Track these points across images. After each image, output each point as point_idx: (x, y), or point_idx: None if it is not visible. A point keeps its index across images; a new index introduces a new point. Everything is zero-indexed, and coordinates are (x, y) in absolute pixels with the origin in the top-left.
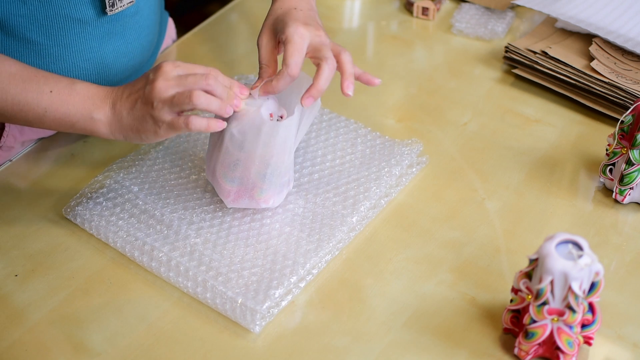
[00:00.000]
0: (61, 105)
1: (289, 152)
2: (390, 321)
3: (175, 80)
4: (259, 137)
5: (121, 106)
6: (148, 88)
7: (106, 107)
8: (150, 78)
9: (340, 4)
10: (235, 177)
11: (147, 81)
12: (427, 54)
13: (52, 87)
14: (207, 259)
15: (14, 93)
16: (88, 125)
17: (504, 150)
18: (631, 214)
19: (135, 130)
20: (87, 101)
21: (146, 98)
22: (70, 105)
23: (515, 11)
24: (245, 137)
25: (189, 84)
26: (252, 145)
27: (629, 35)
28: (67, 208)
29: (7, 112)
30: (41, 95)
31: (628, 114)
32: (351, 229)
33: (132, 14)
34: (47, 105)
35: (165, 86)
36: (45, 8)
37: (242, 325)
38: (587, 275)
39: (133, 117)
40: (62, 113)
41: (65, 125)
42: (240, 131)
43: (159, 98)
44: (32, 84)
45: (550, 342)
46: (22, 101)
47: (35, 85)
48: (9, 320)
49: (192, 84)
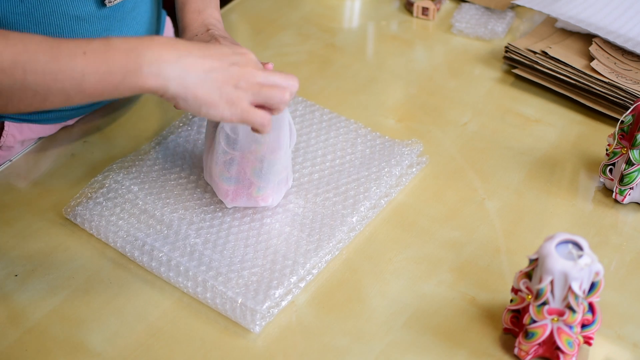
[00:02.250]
0: (100, 64)
1: (284, 149)
2: (390, 321)
3: (263, 72)
4: (252, 134)
5: (190, 64)
6: (237, 66)
7: (163, 56)
8: (239, 58)
9: (340, 4)
10: (232, 176)
11: (233, 55)
12: (427, 54)
13: (85, 48)
14: (207, 259)
15: (44, 61)
16: (136, 82)
17: (504, 150)
18: (631, 214)
19: (201, 100)
20: (131, 53)
21: (231, 73)
22: (110, 62)
23: (515, 11)
24: (238, 135)
25: (273, 82)
26: (246, 143)
27: (629, 35)
28: (67, 208)
29: (42, 85)
30: (75, 59)
31: (628, 114)
32: (351, 229)
33: (129, 10)
34: (84, 67)
35: (255, 73)
36: (42, 5)
37: (242, 325)
38: (587, 275)
39: (203, 83)
40: (103, 72)
41: (109, 86)
42: (233, 129)
43: (247, 80)
44: (63, 49)
45: (550, 342)
46: (55, 69)
47: (66, 49)
48: (9, 320)
49: (275, 83)
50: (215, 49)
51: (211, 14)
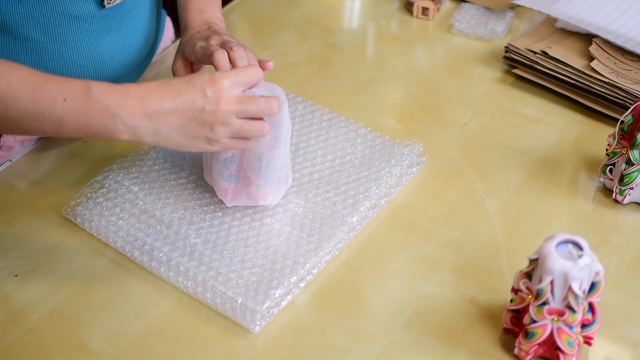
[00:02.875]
0: (78, 115)
1: (282, 147)
2: (390, 321)
3: (239, 105)
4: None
5: (161, 120)
6: (210, 109)
7: (135, 118)
8: (210, 96)
9: (340, 4)
10: (231, 174)
11: (204, 97)
12: (427, 54)
13: (65, 94)
14: (207, 259)
15: (25, 102)
16: (112, 136)
17: (504, 150)
18: (631, 214)
19: (178, 145)
20: (107, 112)
21: (205, 119)
22: (88, 115)
23: (515, 11)
24: None
25: (253, 112)
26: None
27: (629, 35)
28: (67, 208)
29: (22, 122)
30: (55, 105)
31: (628, 114)
32: (351, 229)
33: (128, 10)
34: (62, 115)
35: (229, 111)
36: (41, 5)
37: (242, 325)
38: (587, 275)
39: (178, 133)
40: (80, 123)
41: (86, 134)
42: None
43: (223, 122)
44: (44, 92)
45: (550, 342)
46: (36, 111)
47: (47, 93)
48: (9, 320)
49: (256, 113)
50: (185, 90)
51: (213, 14)
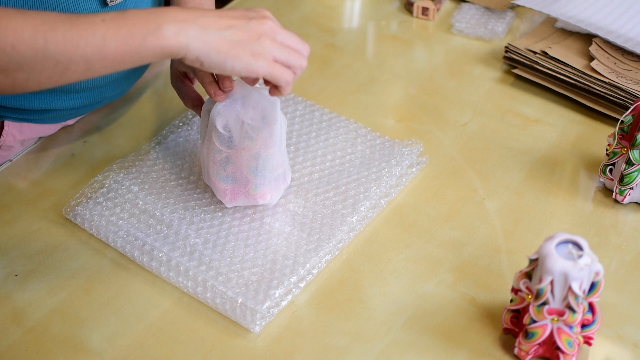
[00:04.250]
0: (120, 28)
1: (278, 144)
2: (390, 321)
3: (282, 29)
4: (244, 131)
5: (209, 22)
6: (256, 22)
7: (180, 17)
8: (256, 15)
9: (340, 4)
10: (228, 175)
11: (251, 12)
12: (427, 54)
13: (102, 16)
14: (207, 259)
15: (64, 29)
16: (157, 42)
17: (504, 150)
18: (631, 214)
19: (224, 52)
20: (149, 15)
21: (252, 28)
22: (130, 25)
23: (515, 11)
24: (231, 132)
25: (291, 44)
26: (239, 140)
27: (629, 35)
28: (67, 208)
29: (63, 53)
30: (94, 25)
31: (628, 114)
32: (351, 228)
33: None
34: (104, 32)
35: (276, 30)
36: (43, 4)
37: (242, 325)
38: (587, 275)
39: (224, 37)
40: (123, 35)
41: (130, 50)
42: (225, 127)
43: (269, 34)
44: (81, 18)
45: (550, 342)
46: (75, 35)
47: (84, 18)
48: (9, 320)
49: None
50: (229, 10)
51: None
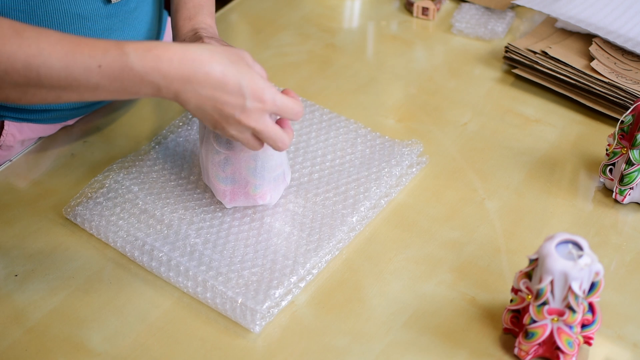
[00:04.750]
0: (114, 81)
1: None
2: (390, 321)
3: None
4: None
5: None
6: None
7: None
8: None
9: (340, 4)
10: (227, 176)
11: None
12: (427, 54)
13: (99, 60)
14: (207, 258)
15: (59, 68)
16: (154, 95)
17: (504, 150)
18: (631, 214)
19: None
20: (144, 80)
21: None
22: (125, 81)
23: (515, 11)
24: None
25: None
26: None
27: (629, 35)
28: (67, 208)
29: (55, 87)
30: (89, 72)
31: (628, 114)
32: (351, 228)
33: (131, 10)
34: (98, 81)
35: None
36: (45, 3)
37: (242, 325)
38: (587, 275)
39: (214, 114)
40: (117, 88)
41: (124, 97)
42: None
43: (250, 127)
44: (78, 57)
45: (550, 342)
46: (69, 77)
47: (81, 58)
48: (9, 320)
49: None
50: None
51: (202, 20)
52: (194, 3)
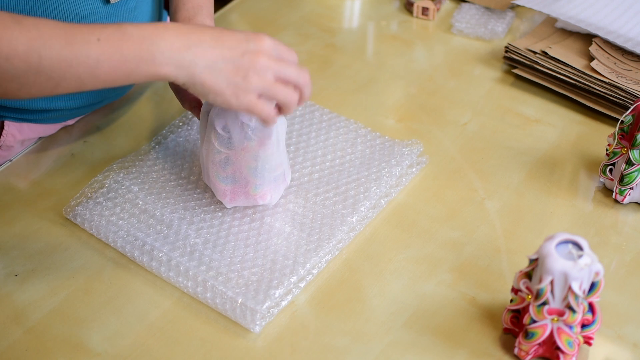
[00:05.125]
0: (114, 52)
1: (277, 144)
2: (390, 321)
3: (277, 63)
4: (243, 131)
5: (201, 53)
6: (249, 56)
7: (175, 47)
8: (252, 47)
9: (340, 4)
10: (228, 175)
11: (246, 43)
12: (427, 54)
13: (99, 34)
14: (207, 259)
15: (59, 47)
16: (148, 70)
17: (504, 150)
18: (631, 214)
19: (208, 87)
20: (144, 42)
21: (241, 65)
22: (124, 50)
23: (515, 11)
24: (230, 133)
25: (287, 75)
26: (238, 141)
27: (629, 35)
28: (67, 208)
29: (56, 71)
30: (89, 45)
31: (628, 114)
32: (351, 228)
33: (131, 9)
34: (98, 55)
35: (267, 65)
36: (44, 3)
37: (242, 325)
38: (587, 275)
39: (211, 72)
40: (117, 60)
41: (123, 74)
42: (224, 128)
43: (258, 74)
44: (77, 35)
45: (550, 342)
46: (69, 54)
47: (80, 35)
48: (9, 320)
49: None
50: (228, 35)
51: (201, 21)
52: (193, 4)
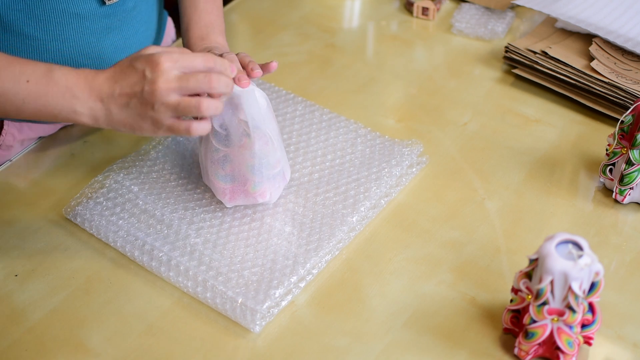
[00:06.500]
0: (39, 97)
1: (272, 143)
2: (390, 321)
3: (177, 82)
4: (241, 129)
5: (111, 103)
6: (148, 89)
7: (91, 100)
8: (149, 77)
9: (340, 4)
10: (227, 174)
11: (143, 79)
12: (427, 54)
13: (28, 76)
14: (207, 258)
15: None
16: (71, 118)
17: (504, 150)
18: (631, 214)
19: (129, 127)
20: (67, 93)
21: (145, 99)
22: (49, 97)
23: (515, 11)
24: (228, 131)
25: (192, 88)
26: (236, 138)
27: (629, 35)
28: (67, 208)
29: None
30: (18, 85)
31: (628, 114)
32: (351, 228)
33: (130, 9)
34: (25, 96)
35: (167, 89)
36: (42, 3)
37: (242, 325)
38: (587, 275)
39: (127, 114)
40: (41, 105)
41: (46, 116)
42: (221, 126)
43: (161, 101)
44: (8, 73)
45: (550, 342)
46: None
47: (11, 74)
48: (9, 320)
49: (196, 88)
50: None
51: (214, 39)
52: (205, 22)
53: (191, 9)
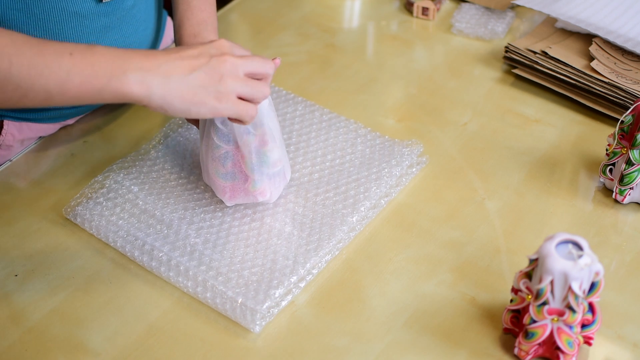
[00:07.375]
0: (86, 66)
1: (273, 141)
2: (390, 321)
3: (242, 60)
4: (242, 126)
5: (171, 68)
6: (216, 61)
7: (146, 64)
8: (213, 52)
9: (340, 4)
10: (227, 171)
11: (208, 52)
12: (427, 54)
13: (71, 49)
14: (207, 258)
15: (31, 55)
16: (120, 87)
17: (504, 150)
18: (631, 214)
19: (188, 101)
20: (115, 59)
21: (214, 68)
22: (96, 66)
23: (515, 11)
24: (230, 128)
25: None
26: (237, 136)
27: (629, 35)
28: (67, 208)
29: (25, 79)
30: (61, 57)
31: (628, 114)
32: (351, 228)
33: (129, 8)
34: (70, 67)
35: (236, 64)
36: (41, 2)
37: (242, 325)
38: (587, 275)
39: (187, 84)
40: (88, 74)
41: (92, 89)
42: (224, 122)
43: (231, 72)
44: (49, 47)
45: (550, 342)
46: (41, 63)
47: (52, 47)
48: (9, 320)
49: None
50: (189, 49)
51: (207, 37)
52: (197, 20)
53: (184, 6)
